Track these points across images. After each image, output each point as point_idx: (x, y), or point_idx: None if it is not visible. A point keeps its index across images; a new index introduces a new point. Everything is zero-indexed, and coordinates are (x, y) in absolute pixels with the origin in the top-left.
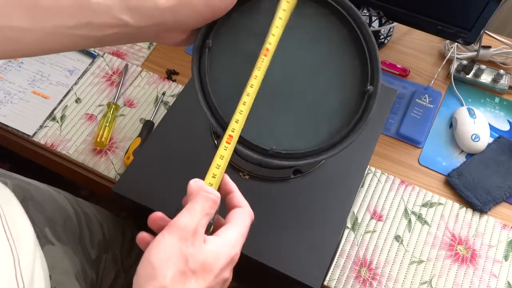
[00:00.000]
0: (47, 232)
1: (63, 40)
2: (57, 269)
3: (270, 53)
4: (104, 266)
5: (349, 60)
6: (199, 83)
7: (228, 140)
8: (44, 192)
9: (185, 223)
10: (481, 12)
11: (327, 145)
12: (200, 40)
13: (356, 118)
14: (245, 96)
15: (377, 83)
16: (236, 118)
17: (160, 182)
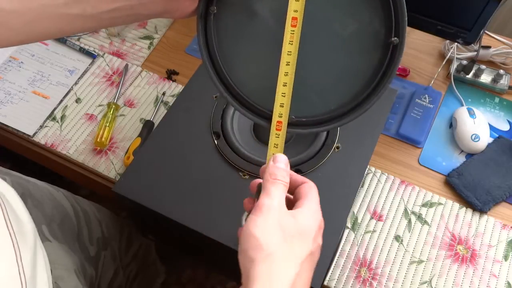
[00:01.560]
0: (44, 229)
1: (55, 22)
2: (56, 264)
3: (299, 22)
4: (103, 263)
5: (372, 9)
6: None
7: (278, 127)
8: (43, 189)
9: (271, 203)
10: (481, 12)
11: (351, 106)
12: (204, 6)
13: (380, 72)
14: (283, 76)
15: (403, 34)
16: (280, 102)
17: (160, 182)
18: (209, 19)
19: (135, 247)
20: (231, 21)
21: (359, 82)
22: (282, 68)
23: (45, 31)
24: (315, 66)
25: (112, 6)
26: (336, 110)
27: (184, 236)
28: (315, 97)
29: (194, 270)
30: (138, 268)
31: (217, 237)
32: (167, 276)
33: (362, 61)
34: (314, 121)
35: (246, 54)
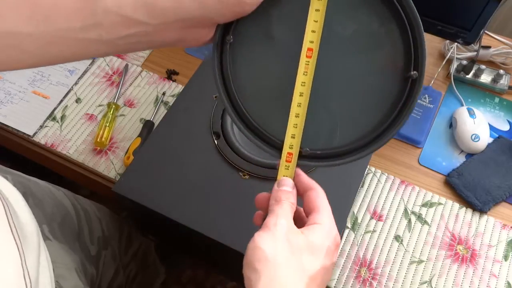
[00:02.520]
0: (44, 229)
1: (70, 46)
2: (57, 263)
3: (314, 54)
4: (103, 262)
5: (390, 42)
6: (222, 85)
7: (288, 158)
8: (44, 188)
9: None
10: (481, 12)
11: (368, 139)
12: (220, 36)
13: (399, 107)
14: (295, 107)
15: (422, 68)
16: (292, 133)
17: (160, 182)
18: (224, 48)
19: (135, 246)
20: (246, 50)
21: (376, 116)
22: (295, 99)
23: (59, 54)
24: (330, 98)
25: (127, 32)
26: (352, 144)
27: (184, 236)
28: (330, 130)
29: (194, 270)
30: (138, 267)
31: (217, 237)
32: (167, 276)
33: (380, 95)
34: (328, 154)
35: (260, 83)
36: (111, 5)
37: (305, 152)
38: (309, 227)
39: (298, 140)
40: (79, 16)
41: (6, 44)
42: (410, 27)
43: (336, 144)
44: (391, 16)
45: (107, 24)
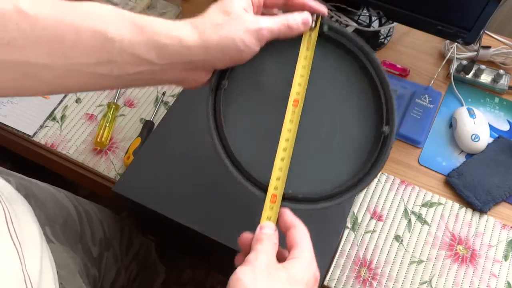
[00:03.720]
0: (47, 231)
1: (82, 78)
2: (59, 265)
3: (300, 103)
4: (105, 263)
5: (365, 102)
6: (214, 124)
7: (272, 199)
8: (45, 190)
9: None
10: (481, 12)
11: (343, 188)
12: (216, 80)
13: (372, 160)
14: (281, 151)
15: (393, 125)
16: (277, 176)
17: (160, 182)
18: (219, 92)
19: (135, 247)
20: (239, 95)
21: (354, 165)
22: (281, 144)
23: (72, 85)
24: (313, 146)
25: (136, 70)
26: (331, 190)
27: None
28: (312, 175)
29: (194, 270)
30: (139, 268)
31: (217, 237)
32: (167, 276)
33: (357, 147)
34: (310, 198)
35: (249, 127)
36: (126, 45)
37: (288, 195)
38: (290, 261)
39: (282, 182)
40: (95, 53)
41: (23, 73)
42: (382, 86)
43: (317, 189)
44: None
45: (120, 61)
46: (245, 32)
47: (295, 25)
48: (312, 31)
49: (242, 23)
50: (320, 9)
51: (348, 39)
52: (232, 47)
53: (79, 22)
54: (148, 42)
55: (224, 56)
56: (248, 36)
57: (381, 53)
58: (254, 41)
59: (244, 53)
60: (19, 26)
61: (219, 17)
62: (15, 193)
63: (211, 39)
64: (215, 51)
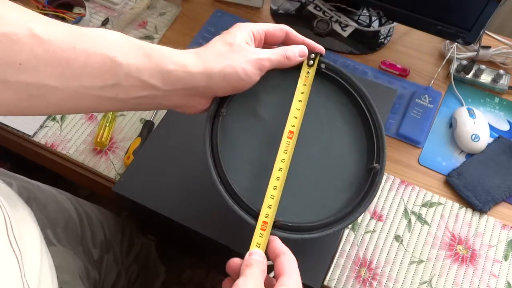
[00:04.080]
0: (48, 233)
1: (87, 100)
2: (61, 269)
3: (294, 136)
4: (106, 266)
5: (357, 138)
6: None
7: (263, 227)
8: (47, 192)
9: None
10: (481, 12)
11: (333, 219)
12: (215, 108)
13: (361, 194)
14: (274, 180)
15: (383, 162)
16: (269, 203)
17: (160, 182)
18: (216, 120)
19: (136, 248)
20: (235, 123)
21: (344, 198)
22: (274, 173)
23: (77, 107)
24: (305, 177)
25: (140, 94)
26: (321, 221)
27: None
28: (303, 205)
29: (194, 270)
30: (139, 269)
31: (217, 237)
32: (167, 276)
33: (348, 181)
34: (300, 227)
35: (243, 154)
36: (133, 70)
37: (279, 223)
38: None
39: (273, 210)
40: (103, 76)
41: (31, 94)
42: (374, 125)
43: (307, 219)
44: (359, 117)
45: (125, 85)
46: (246, 62)
47: (292, 56)
48: (310, 68)
49: (243, 54)
50: (319, 47)
51: (344, 77)
52: (234, 76)
53: (90, 46)
54: (154, 68)
55: (225, 84)
56: (249, 65)
57: (381, 53)
58: (255, 71)
59: (245, 82)
60: (33, 50)
61: (222, 47)
62: (16, 197)
63: (213, 67)
64: (217, 79)
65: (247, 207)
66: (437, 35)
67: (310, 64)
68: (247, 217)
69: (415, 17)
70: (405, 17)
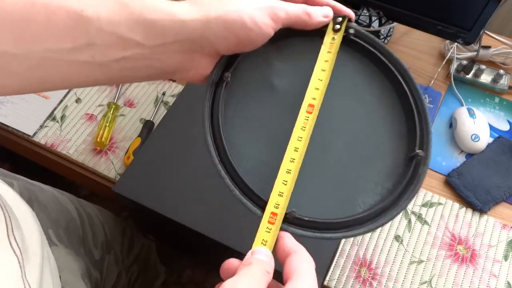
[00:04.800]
0: (50, 234)
1: (60, 69)
2: (63, 269)
3: (315, 110)
4: (107, 266)
5: (394, 119)
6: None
7: (271, 219)
8: (48, 193)
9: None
10: (480, 12)
11: (361, 217)
12: (218, 72)
13: (400, 188)
14: (288, 162)
15: (428, 148)
16: (280, 190)
17: (160, 182)
18: (219, 88)
19: (136, 249)
20: (242, 94)
21: (375, 195)
22: (288, 153)
23: (49, 78)
24: (327, 163)
25: (122, 54)
26: (344, 218)
27: (184, 236)
28: (322, 197)
29: (194, 270)
30: (140, 270)
31: (217, 237)
32: (167, 276)
33: (382, 173)
34: (317, 224)
35: (251, 131)
36: (105, 24)
37: (292, 216)
38: None
39: (286, 200)
40: (70, 35)
41: None
42: (415, 102)
43: (327, 215)
44: (395, 94)
45: (100, 44)
46: (255, 7)
47: (313, 13)
48: (336, 34)
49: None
50: (347, 11)
51: (377, 46)
52: (238, 23)
53: (51, 0)
54: (132, 19)
55: (227, 34)
56: (259, 12)
57: None
58: (266, 20)
59: (253, 34)
60: None
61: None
62: (18, 198)
63: (212, 12)
64: (217, 26)
65: (252, 193)
66: (437, 35)
67: (336, 28)
68: (251, 205)
69: (415, 17)
70: (405, 17)
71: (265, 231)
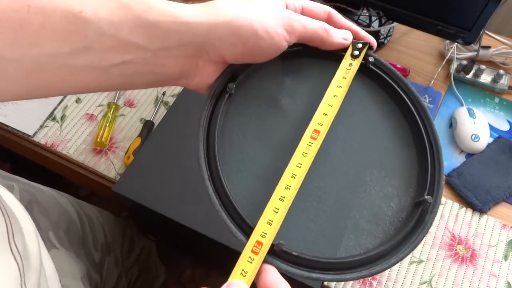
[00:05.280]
0: (51, 236)
1: (58, 74)
2: (63, 272)
3: (320, 137)
4: (107, 268)
5: (404, 160)
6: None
7: (255, 248)
8: (48, 195)
9: None
10: (480, 12)
11: (356, 260)
12: (222, 82)
13: (402, 234)
14: (282, 189)
15: (437, 196)
16: (269, 218)
17: (160, 182)
18: (221, 99)
19: (137, 250)
20: (245, 107)
21: (375, 237)
22: (284, 179)
23: (46, 84)
24: (325, 197)
25: (123, 58)
26: (336, 259)
27: (184, 236)
28: (315, 232)
29: (194, 270)
30: (140, 271)
31: (217, 237)
32: (167, 276)
33: (386, 218)
34: (305, 262)
35: (247, 151)
36: (105, 26)
37: (278, 248)
38: None
39: (274, 229)
40: (67, 39)
41: None
42: (430, 146)
43: (317, 253)
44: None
45: (99, 48)
46: (270, 16)
47: (332, 33)
48: (354, 60)
49: (267, 7)
50: (369, 38)
51: (394, 78)
52: (248, 30)
53: (48, 1)
54: (135, 21)
55: (235, 40)
56: (274, 21)
57: (381, 53)
58: (280, 30)
59: (264, 43)
60: None
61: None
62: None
63: (222, 16)
64: (224, 31)
65: (239, 216)
66: (437, 35)
67: (355, 54)
68: (237, 231)
69: (415, 17)
70: (405, 17)
71: (246, 261)
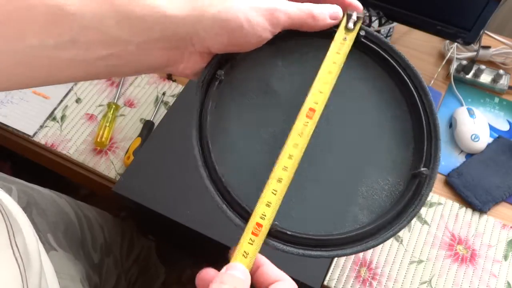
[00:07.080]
0: (49, 238)
1: (43, 66)
2: (62, 274)
3: (316, 116)
4: (106, 269)
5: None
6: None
7: (255, 230)
8: (47, 197)
9: None
10: (480, 12)
11: (351, 236)
12: (210, 69)
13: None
14: (280, 171)
15: (434, 168)
16: (268, 200)
17: (160, 182)
18: (211, 86)
19: (136, 251)
20: (238, 93)
21: (371, 211)
22: (281, 161)
23: (33, 75)
24: (321, 174)
25: (107, 51)
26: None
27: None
28: (313, 212)
29: (194, 270)
30: (139, 271)
31: (217, 237)
32: (167, 276)
33: (384, 192)
34: (300, 240)
35: (241, 135)
36: (89, 19)
37: (273, 228)
38: None
39: (273, 211)
40: (52, 32)
41: None
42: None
43: (315, 231)
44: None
45: (84, 41)
46: (253, 8)
47: (320, 16)
48: (348, 33)
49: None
50: (357, 5)
51: (389, 51)
52: (232, 23)
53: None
54: (119, 14)
55: (220, 31)
56: (256, 14)
57: None
58: (263, 23)
59: (248, 36)
60: None
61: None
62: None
63: (206, 9)
64: (211, 23)
65: (235, 202)
66: (437, 35)
67: (349, 27)
68: (235, 216)
69: (415, 17)
70: (405, 17)
71: (247, 243)
